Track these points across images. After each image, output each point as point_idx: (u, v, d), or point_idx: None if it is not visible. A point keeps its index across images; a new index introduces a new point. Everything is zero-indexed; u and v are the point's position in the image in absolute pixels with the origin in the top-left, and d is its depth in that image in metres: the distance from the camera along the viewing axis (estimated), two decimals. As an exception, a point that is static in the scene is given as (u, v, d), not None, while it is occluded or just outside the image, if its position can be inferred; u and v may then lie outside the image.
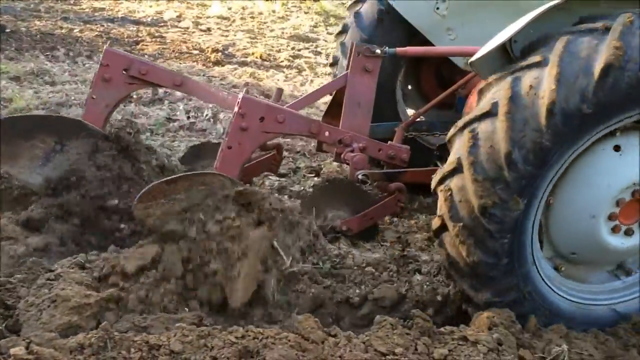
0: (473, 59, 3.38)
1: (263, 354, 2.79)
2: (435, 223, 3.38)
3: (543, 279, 3.44)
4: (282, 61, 9.94)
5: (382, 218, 4.68)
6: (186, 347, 2.74)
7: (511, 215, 3.12)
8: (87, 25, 10.59)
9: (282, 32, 11.92)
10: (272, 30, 12.03)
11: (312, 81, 9.00)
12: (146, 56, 9.11)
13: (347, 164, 4.28)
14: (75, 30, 10.12)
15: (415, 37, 4.93)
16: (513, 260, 3.26)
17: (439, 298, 3.79)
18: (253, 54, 9.98)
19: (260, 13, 13.34)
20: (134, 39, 9.95)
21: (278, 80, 8.81)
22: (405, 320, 3.28)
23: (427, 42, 4.88)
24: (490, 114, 3.09)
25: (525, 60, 3.12)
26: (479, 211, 3.12)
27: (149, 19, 11.47)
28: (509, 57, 3.27)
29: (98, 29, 10.37)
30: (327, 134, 4.20)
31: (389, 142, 4.41)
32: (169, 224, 3.23)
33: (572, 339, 3.38)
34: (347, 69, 4.48)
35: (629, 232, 3.42)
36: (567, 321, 3.46)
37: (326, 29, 12.75)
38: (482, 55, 3.32)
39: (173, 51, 9.55)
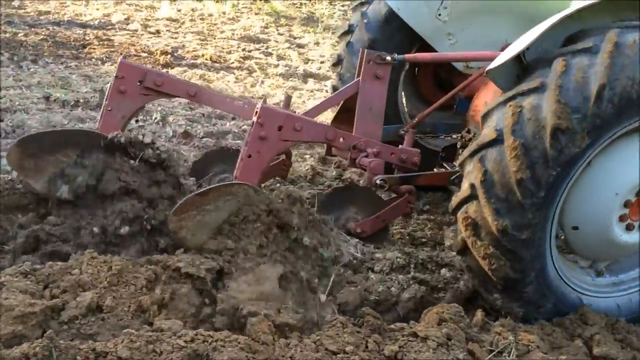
0: (489, 67, 3.51)
1: (213, 357, 2.78)
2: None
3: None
4: (232, 62, 9.90)
5: (393, 220, 4.79)
6: (134, 353, 2.71)
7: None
8: (32, 29, 10.37)
9: (233, 34, 11.86)
10: (222, 32, 11.96)
11: (262, 82, 8.99)
12: (93, 59, 8.98)
13: (363, 169, 4.43)
14: (19, 34, 9.91)
15: (422, 39, 5.08)
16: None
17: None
18: (203, 55, 9.91)
19: (211, 15, 13.25)
20: (81, 43, 9.79)
21: (229, 81, 8.77)
22: (356, 319, 3.30)
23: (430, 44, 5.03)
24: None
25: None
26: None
27: (96, 22, 11.29)
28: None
29: (43, 33, 10.17)
30: (341, 140, 4.31)
31: (400, 146, 4.51)
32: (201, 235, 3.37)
33: (519, 331, 3.45)
34: (357, 75, 4.59)
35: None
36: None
37: (277, 30, 12.75)
38: (498, 64, 3.45)
39: (121, 54, 9.41)
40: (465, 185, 3.46)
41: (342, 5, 15.92)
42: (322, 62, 10.60)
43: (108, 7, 12.70)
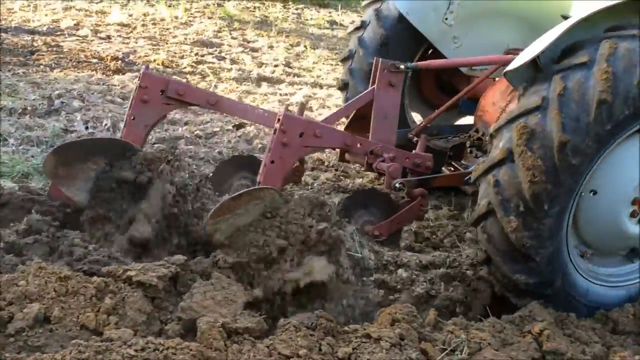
0: (507, 69, 3.78)
1: (164, 365, 2.75)
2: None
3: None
4: (185, 67, 9.81)
5: (407, 223, 4.92)
6: (83, 364, 2.66)
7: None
8: (-22, 36, 10.13)
9: (185, 38, 11.76)
10: (174, 37, 11.85)
11: (216, 86, 8.94)
12: (42, 66, 8.81)
13: (379, 173, 4.66)
14: (-36, 41, 9.68)
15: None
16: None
17: None
18: (155, 60, 9.80)
19: (163, 19, 13.12)
20: (29, 49, 9.58)
21: (181, 86, 8.67)
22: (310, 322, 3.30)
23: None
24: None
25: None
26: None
27: (44, 28, 11.06)
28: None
29: (-11, 39, 9.94)
30: (359, 145, 4.47)
31: (414, 150, 4.67)
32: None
33: (471, 329, 3.50)
34: (371, 84, 4.75)
35: None
36: None
37: (230, 34, 12.69)
38: (516, 67, 3.71)
39: (70, 60, 9.26)
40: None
41: (296, 9, 15.95)
42: (275, 66, 10.59)
43: (57, 12, 12.47)
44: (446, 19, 5.17)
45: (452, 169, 5.15)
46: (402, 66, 4.67)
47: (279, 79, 9.87)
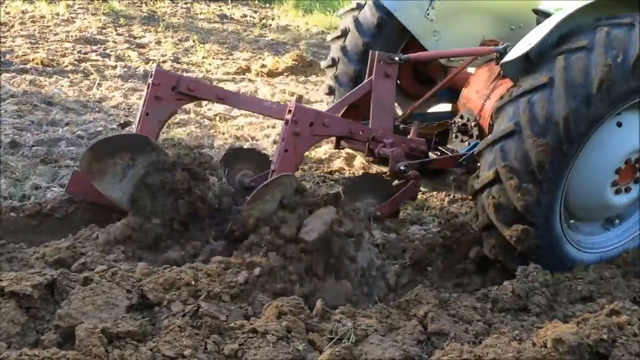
0: (504, 61, 4.33)
1: (38, 377, 2.63)
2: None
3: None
4: (66, 66, 9.42)
5: (403, 202, 5.31)
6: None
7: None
8: None
9: (67, 36, 11.29)
10: (55, 34, 11.35)
11: (100, 84, 8.65)
12: None
13: (381, 157, 5.02)
14: None
15: (408, 40, 5.78)
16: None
17: None
18: (33, 60, 9.37)
19: (43, 16, 12.55)
20: None
21: (62, 86, 8.35)
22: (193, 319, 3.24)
23: (416, 44, 5.70)
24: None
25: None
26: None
27: None
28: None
29: None
30: (361, 133, 4.84)
31: (408, 136, 5.10)
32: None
33: (358, 317, 3.53)
34: (368, 76, 5.10)
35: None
36: None
37: (116, 30, 12.30)
38: (512, 59, 4.21)
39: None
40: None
41: (185, 3, 15.66)
42: (163, 62, 10.35)
43: None
44: (428, 14, 5.61)
45: (439, 153, 5.48)
46: (396, 58, 5.06)
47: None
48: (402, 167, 4.72)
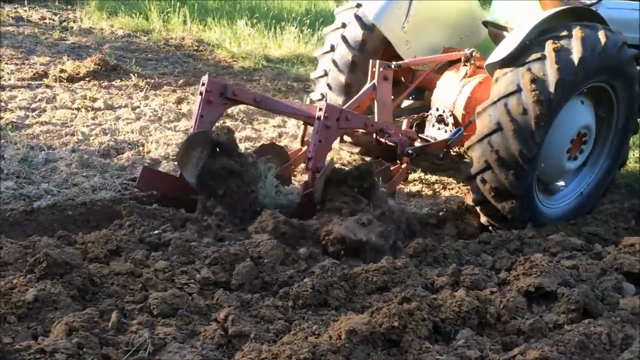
0: (488, 63, 5.68)
1: None
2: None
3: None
4: None
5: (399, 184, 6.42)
6: None
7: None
8: None
9: None
10: None
11: None
12: None
13: (388, 145, 5.89)
14: None
15: (384, 51, 6.89)
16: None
17: None
18: None
19: None
20: None
21: None
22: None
23: (388, 53, 6.87)
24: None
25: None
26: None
27: None
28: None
29: None
30: (372, 126, 5.81)
31: (402, 128, 6.35)
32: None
33: (157, 325, 3.45)
34: (370, 80, 6.10)
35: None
36: None
37: None
38: (495, 61, 5.58)
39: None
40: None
41: None
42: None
43: None
44: (404, 27, 6.76)
45: (420, 140, 6.51)
46: (392, 65, 6.13)
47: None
48: (409, 151, 5.78)
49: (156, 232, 4.79)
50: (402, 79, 7.17)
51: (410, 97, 7.31)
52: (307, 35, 13.23)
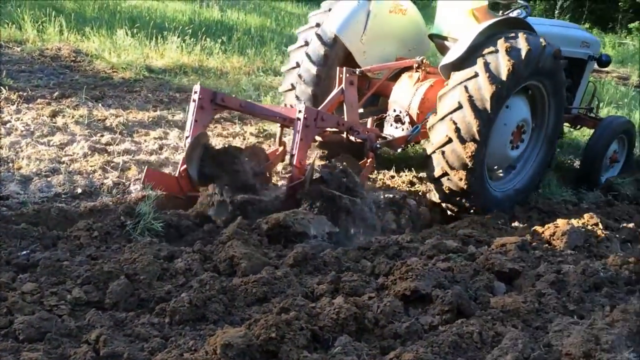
0: (442, 64, 6.57)
1: None
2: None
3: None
4: None
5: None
6: None
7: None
8: None
9: None
10: None
11: None
12: None
13: (358, 142, 6.80)
14: None
15: (344, 62, 7.61)
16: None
17: None
18: None
19: None
20: None
21: None
22: None
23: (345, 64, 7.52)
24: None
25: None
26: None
27: None
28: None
29: None
30: (343, 125, 6.59)
31: (369, 127, 7.06)
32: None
33: (22, 351, 3.28)
34: (338, 85, 7.08)
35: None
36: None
37: None
38: (447, 63, 6.48)
39: None
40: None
41: None
42: None
43: None
44: (362, 39, 7.64)
45: (381, 138, 7.13)
46: (357, 71, 7.16)
47: None
48: (377, 146, 6.68)
49: (25, 252, 4.55)
50: (359, 87, 7.84)
51: (366, 105, 8.01)
52: (190, 45, 13.05)
